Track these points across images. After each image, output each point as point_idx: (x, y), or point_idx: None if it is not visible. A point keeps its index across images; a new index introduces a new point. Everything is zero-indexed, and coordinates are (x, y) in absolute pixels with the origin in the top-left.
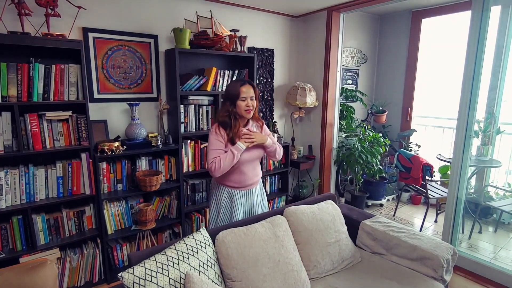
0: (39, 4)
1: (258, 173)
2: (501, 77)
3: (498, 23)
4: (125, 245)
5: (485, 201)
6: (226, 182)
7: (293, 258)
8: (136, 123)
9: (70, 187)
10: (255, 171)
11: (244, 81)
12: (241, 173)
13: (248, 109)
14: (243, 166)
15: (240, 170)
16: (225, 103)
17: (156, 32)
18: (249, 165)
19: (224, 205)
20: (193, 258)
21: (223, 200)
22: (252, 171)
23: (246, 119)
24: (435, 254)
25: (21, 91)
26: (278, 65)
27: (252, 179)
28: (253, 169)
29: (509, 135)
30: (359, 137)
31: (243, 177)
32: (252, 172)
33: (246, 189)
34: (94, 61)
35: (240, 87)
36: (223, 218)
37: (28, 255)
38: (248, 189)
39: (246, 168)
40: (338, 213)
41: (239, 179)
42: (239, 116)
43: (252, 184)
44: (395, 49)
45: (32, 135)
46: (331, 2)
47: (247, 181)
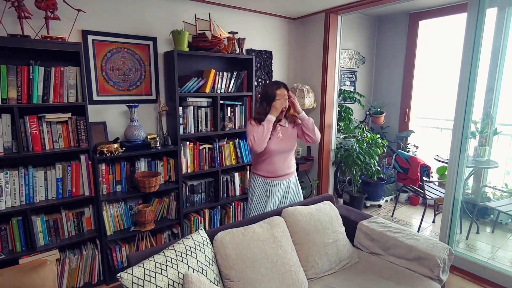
0: (39, 7)
1: (290, 165)
2: (498, 79)
3: (495, 25)
4: (124, 246)
5: (483, 202)
6: (258, 172)
7: (291, 259)
8: (135, 124)
9: (69, 189)
10: (286, 162)
11: (279, 85)
12: (271, 163)
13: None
14: (274, 156)
15: (271, 161)
16: (262, 103)
17: (155, 34)
18: (280, 156)
19: (257, 194)
20: (192, 258)
21: (256, 188)
22: (284, 163)
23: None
24: (432, 254)
25: (21, 94)
26: (276, 67)
27: (284, 170)
28: (284, 161)
29: (506, 136)
30: (357, 138)
31: (273, 168)
32: (283, 163)
33: (279, 179)
34: (94, 63)
35: (275, 90)
36: (256, 207)
37: (28, 256)
38: (282, 180)
39: (277, 159)
40: (336, 214)
41: (270, 169)
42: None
43: (285, 176)
44: (393, 51)
45: (31, 137)
46: (329, 4)
47: (278, 171)
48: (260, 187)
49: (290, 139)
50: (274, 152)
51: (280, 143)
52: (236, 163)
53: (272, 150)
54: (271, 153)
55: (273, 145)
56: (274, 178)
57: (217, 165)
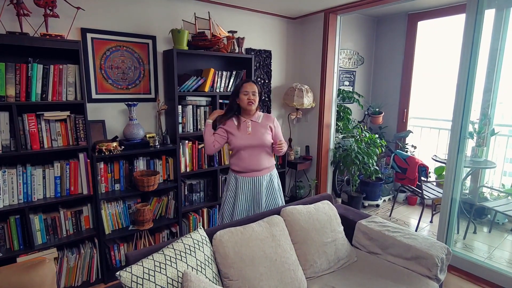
0: (38, 4)
1: (262, 162)
2: (496, 79)
3: (492, 26)
4: (122, 245)
5: (480, 202)
6: (231, 166)
7: (289, 257)
8: (134, 123)
9: (67, 187)
10: (257, 158)
11: (248, 80)
12: (239, 158)
13: (250, 101)
14: (242, 151)
15: (239, 156)
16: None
17: (154, 33)
18: (248, 152)
19: (230, 189)
20: (191, 257)
21: (229, 183)
22: (254, 158)
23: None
24: (430, 254)
25: (19, 91)
26: (275, 66)
27: (254, 166)
28: (254, 156)
29: (503, 136)
30: (355, 138)
31: (242, 163)
32: (253, 159)
33: (248, 175)
34: (92, 61)
35: (243, 83)
36: (226, 202)
37: (25, 255)
38: (251, 176)
39: (246, 154)
40: (334, 213)
41: (239, 164)
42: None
43: (255, 172)
44: (392, 51)
45: (30, 135)
46: (328, 4)
47: (247, 167)
48: (232, 184)
49: (261, 134)
50: (241, 147)
51: (248, 138)
52: None
53: (239, 145)
54: (238, 148)
55: (240, 140)
56: (242, 174)
57: (216, 164)
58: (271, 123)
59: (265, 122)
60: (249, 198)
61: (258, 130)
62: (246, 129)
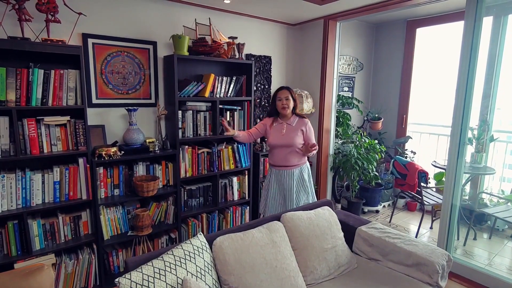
0: (40, 10)
1: (292, 160)
2: (494, 85)
3: (490, 33)
4: (121, 251)
5: (480, 208)
6: (268, 159)
7: (290, 264)
8: (134, 128)
9: (66, 192)
10: (288, 156)
11: (282, 87)
12: (273, 154)
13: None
14: (275, 149)
15: (273, 152)
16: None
17: (155, 38)
18: (281, 150)
19: (267, 178)
20: (190, 263)
21: (268, 174)
22: (284, 155)
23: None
24: (431, 260)
25: (20, 96)
26: (275, 72)
27: (284, 162)
28: (285, 154)
29: (502, 142)
30: (355, 143)
31: (275, 158)
32: (284, 156)
33: (277, 169)
34: (93, 66)
35: (277, 91)
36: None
37: (23, 260)
38: (279, 169)
39: (277, 151)
40: (334, 219)
41: (272, 158)
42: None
43: (282, 167)
44: (391, 57)
45: (29, 139)
46: (327, 11)
47: (279, 162)
48: (268, 175)
49: (293, 136)
50: (274, 145)
51: (281, 138)
52: (235, 167)
53: (273, 143)
54: (272, 145)
55: (274, 139)
56: (275, 167)
57: (216, 170)
58: (303, 126)
59: (299, 125)
60: (280, 187)
61: (291, 132)
62: (281, 131)
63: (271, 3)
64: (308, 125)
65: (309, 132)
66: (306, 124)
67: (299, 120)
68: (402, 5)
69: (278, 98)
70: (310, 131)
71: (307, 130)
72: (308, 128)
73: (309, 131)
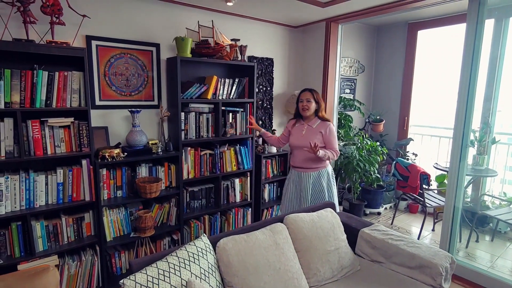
0: (45, 12)
1: (308, 162)
2: (495, 88)
3: (492, 36)
4: (123, 253)
5: (482, 210)
6: (290, 161)
7: (293, 266)
8: (137, 130)
9: (70, 194)
10: (305, 158)
11: (304, 89)
12: (293, 154)
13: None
14: (295, 149)
15: (293, 152)
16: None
17: (158, 40)
18: (299, 151)
19: (287, 178)
20: (194, 265)
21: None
22: (302, 157)
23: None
24: (434, 263)
25: (24, 98)
26: (277, 74)
27: (302, 164)
28: (303, 156)
29: (504, 144)
30: (357, 145)
31: (294, 158)
32: (301, 157)
33: (296, 170)
34: (97, 68)
35: (299, 93)
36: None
37: (26, 262)
38: (298, 171)
39: (296, 152)
40: (337, 221)
41: (292, 159)
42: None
43: (300, 168)
44: (392, 59)
45: (33, 141)
46: (329, 13)
47: (296, 163)
48: (289, 173)
49: (311, 138)
50: (293, 146)
51: (300, 139)
52: (237, 169)
53: (293, 144)
54: (292, 146)
55: (294, 140)
56: (295, 168)
57: (218, 171)
58: (323, 129)
59: (319, 128)
60: (297, 188)
61: (310, 134)
62: (301, 132)
63: (274, 6)
64: (329, 128)
65: (329, 134)
66: (327, 127)
67: (321, 123)
68: (403, 8)
69: (300, 100)
70: (331, 134)
71: (327, 132)
72: (328, 131)
73: (329, 134)
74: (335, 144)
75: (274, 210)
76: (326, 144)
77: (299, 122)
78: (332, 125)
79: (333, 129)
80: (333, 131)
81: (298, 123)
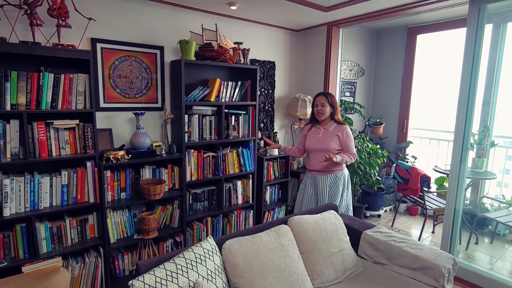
0: (51, 15)
1: (325, 165)
2: (494, 92)
3: (490, 41)
4: (126, 254)
5: (481, 213)
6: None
7: (298, 267)
8: (141, 132)
9: (74, 195)
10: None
11: (319, 93)
12: (309, 158)
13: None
14: (310, 153)
15: (309, 156)
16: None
17: (162, 43)
18: (315, 154)
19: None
20: (201, 266)
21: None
22: (317, 160)
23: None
24: (437, 264)
25: (30, 100)
26: (279, 77)
27: (318, 167)
28: (317, 158)
29: (502, 148)
30: (357, 148)
31: (309, 162)
32: (316, 161)
33: (313, 173)
34: (102, 71)
35: (314, 98)
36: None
37: (30, 263)
38: (314, 174)
39: (312, 155)
40: (340, 223)
41: (308, 162)
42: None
43: (316, 171)
44: (392, 63)
45: (39, 143)
46: (331, 17)
47: (312, 166)
48: (305, 176)
49: (327, 141)
50: (309, 149)
51: (316, 143)
52: (239, 171)
53: (308, 147)
54: (307, 149)
55: (309, 143)
56: (311, 172)
57: (220, 173)
58: (340, 132)
59: (335, 131)
60: (314, 192)
61: (326, 137)
62: (317, 135)
63: (277, 10)
64: (345, 131)
65: (346, 138)
66: (344, 130)
67: (337, 126)
68: (403, 13)
69: (315, 105)
70: (348, 137)
71: (344, 136)
72: (345, 134)
73: (346, 137)
74: (352, 147)
75: (275, 213)
76: (343, 148)
77: (315, 126)
78: (348, 128)
79: (349, 132)
80: (349, 134)
81: (314, 127)
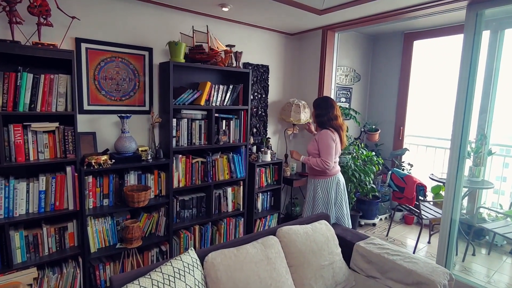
0: (32, 13)
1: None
2: (491, 100)
3: (488, 47)
4: (108, 264)
5: (478, 223)
6: None
7: (285, 282)
8: (126, 136)
9: (52, 202)
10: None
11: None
12: None
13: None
14: None
15: None
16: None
17: (151, 44)
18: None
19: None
20: (180, 282)
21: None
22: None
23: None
24: (432, 279)
25: (7, 101)
26: (272, 81)
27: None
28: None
29: (499, 156)
30: (352, 155)
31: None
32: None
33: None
34: (86, 72)
35: None
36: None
37: (3, 274)
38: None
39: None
40: (332, 234)
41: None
42: None
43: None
44: (388, 69)
45: (15, 146)
46: (326, 21)
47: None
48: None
49: (308, 146)
50: None
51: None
52: (230, 178)
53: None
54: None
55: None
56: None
57: (210, 180)
58: (317, 137)
59: (316, 137)
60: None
61: (309, 143)
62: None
63: (270, 12)
64: (318, 134)
65: (318, 140)
66: (318, 135)
67: (319, 133)
68: (399, 17)
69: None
70: (319, 140)
71: (317, 139)
72: (318, 137)
73: (318, 140)
74: (323, 153)
75: (267, 221)
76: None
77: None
78: (323, 132)
79: (323, 136)
80: (322, 138)
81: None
